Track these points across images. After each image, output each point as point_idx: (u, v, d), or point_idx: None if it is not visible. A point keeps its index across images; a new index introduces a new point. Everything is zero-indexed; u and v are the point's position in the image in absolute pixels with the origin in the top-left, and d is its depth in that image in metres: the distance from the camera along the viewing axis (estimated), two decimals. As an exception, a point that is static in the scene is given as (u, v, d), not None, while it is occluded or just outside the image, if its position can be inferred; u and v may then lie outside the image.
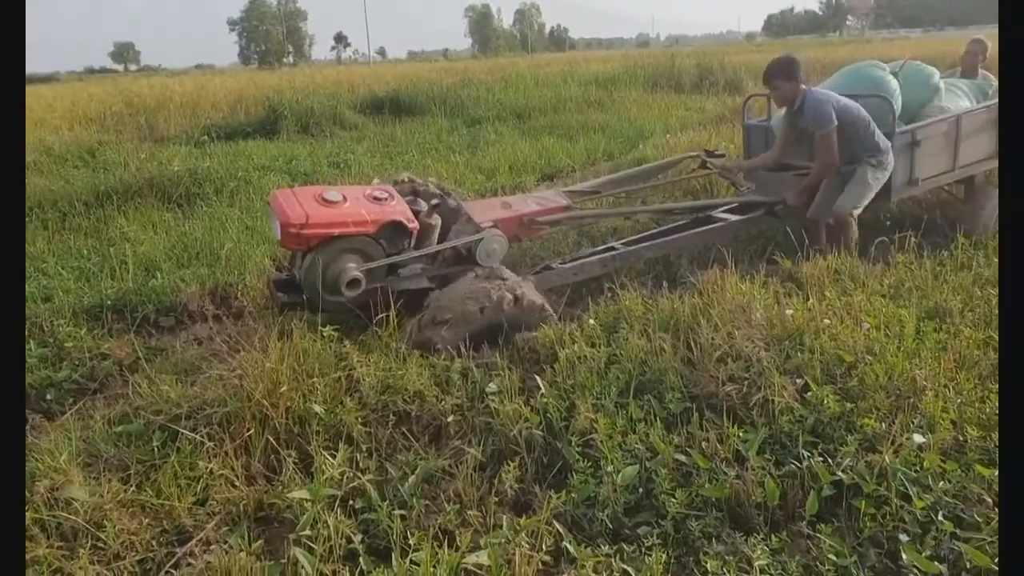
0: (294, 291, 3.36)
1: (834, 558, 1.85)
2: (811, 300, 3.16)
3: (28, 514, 1.99)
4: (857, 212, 4.03)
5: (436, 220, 3.45)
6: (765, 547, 1.89)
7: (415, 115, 13.34)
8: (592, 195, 4.56)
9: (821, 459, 2.16)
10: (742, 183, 4.87)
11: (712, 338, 2.81)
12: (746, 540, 1.94)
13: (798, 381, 2.56)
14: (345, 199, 3.23)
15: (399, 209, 3.35)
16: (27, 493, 2.11)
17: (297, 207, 3.12)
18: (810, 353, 2.68)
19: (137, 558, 1.96)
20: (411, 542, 1.93)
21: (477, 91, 15.10)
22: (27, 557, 1.87)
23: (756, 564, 1.82)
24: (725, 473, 2.16)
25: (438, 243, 3.47)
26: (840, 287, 3.46)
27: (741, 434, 2.31)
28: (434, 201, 3.66)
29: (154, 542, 2.03)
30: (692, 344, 2.84)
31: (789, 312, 2.94)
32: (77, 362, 3.43)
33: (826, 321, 2.92)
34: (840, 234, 4.00)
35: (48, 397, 3.18)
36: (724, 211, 4.61)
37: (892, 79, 4.67)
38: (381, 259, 3.29)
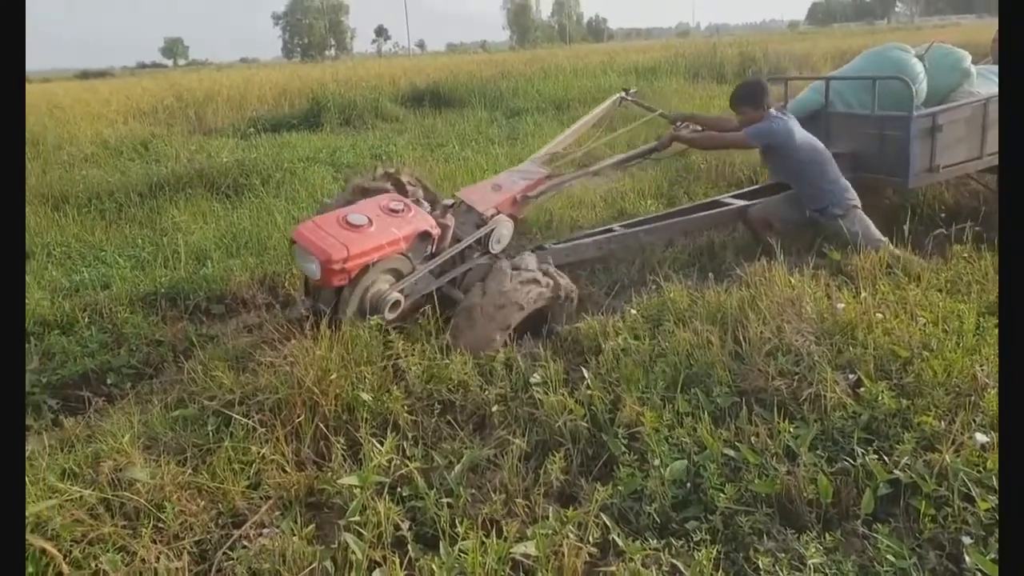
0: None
1: (892, 559, 1.81)
2: (863, 294, 3.08)
3: (94, 493, 2.07)
4: (879, 238, 3.90)
5: (450, 220, 3.40)
6: (818, 545, 1.86)
7: (455, 107, 13.37)
8: (559, 156, 4.44)
9: (876, 457, 2.11)
10: (667, 114, 4.83)
11: (761, 331, 2.76)
12: (798, 538, 1.91)
13: (850, 376, 2.51)
14: (370, 220, 3.06)
15: (423, 217, 3.26)
16: (92, 473, 2.20)
17: (333, 241, 2.92)
18: (863, 348, 2.61)
19: (195, 539, 2.02)
20: (459, 531, 1.95)
21: (516, 82, 15.05)
22: (94, 535, 1.95)
23: (809, 562, 1.79)
24: (775, 469, 2.12)
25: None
26: (893, 281, 3.36)
27: (792, 429, 2.26)
28: (447, 201, 3.63)
29: (211, 524, 2.09)
30: (740, 338, 2.80)
31: (840, 306, 2.88)
32: (134, 347, 3.55)
33: (879, 315, 2.85)
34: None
35: (108, 381, 3.30)
36: (732, 196, 4.59)
37: (916, 62, 4.50)
38: (411, 272, 3.19)
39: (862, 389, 2.41)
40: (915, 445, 2.13)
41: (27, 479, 2.08)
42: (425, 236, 3.23)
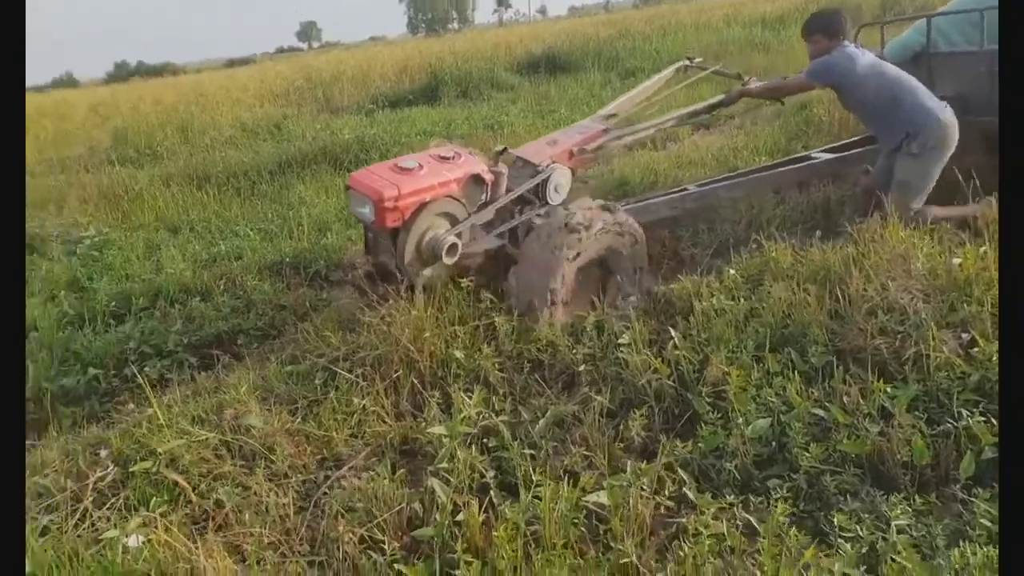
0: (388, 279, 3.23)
1: (989, 524, 1.69)
2: (985, 248, 2.80)
3: (216, 436, 2.35)
4: (916, 206, 3.47)
5: (503, 168, 3.34)
6: (907, 506, 1.77)
7: (570, 71, 13.23)
8: (618, 117, 4.19)
9: (983, 419, 1.96)
10: (734, 73, 4.66)
11: (864, 289, 2.61)
12: (886, 499, 1.83)
13: (963, 336, 2.32)
14: (421, 165, 3.12)
15: (474, 162, 3.26)
16: (216, 419, 2.49)
17: (384, 181, 2.99)
18: (979, 305, 2.40)
19: (301, 479, 2.25)
20: (536, 479, 2.03)
21: (634, 42, 14.64)
22: (217, 472, 2.22)
23: (894, 523, 1.71)
24: (867, 429, 2.03)
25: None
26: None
27: (888, 389, 2.14)
28: (498, 148, 3.60)
29: (314, 466, 2.31)
30: (840, 296, 2.65)
31: (956, 261, 2.65)
32: (261, 312, 3.91)
33: (1006, 271, 2.59)
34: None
35: (239, 342, 3.67)
36: (822, 150, 4.33)
37: None
38: (465, 218, 3.18)
39: (975, 349, 2.23)
40: (1030, 408, 1.95)
41: (163, 422, 2.39)
42: (478, 180, 3.22)
